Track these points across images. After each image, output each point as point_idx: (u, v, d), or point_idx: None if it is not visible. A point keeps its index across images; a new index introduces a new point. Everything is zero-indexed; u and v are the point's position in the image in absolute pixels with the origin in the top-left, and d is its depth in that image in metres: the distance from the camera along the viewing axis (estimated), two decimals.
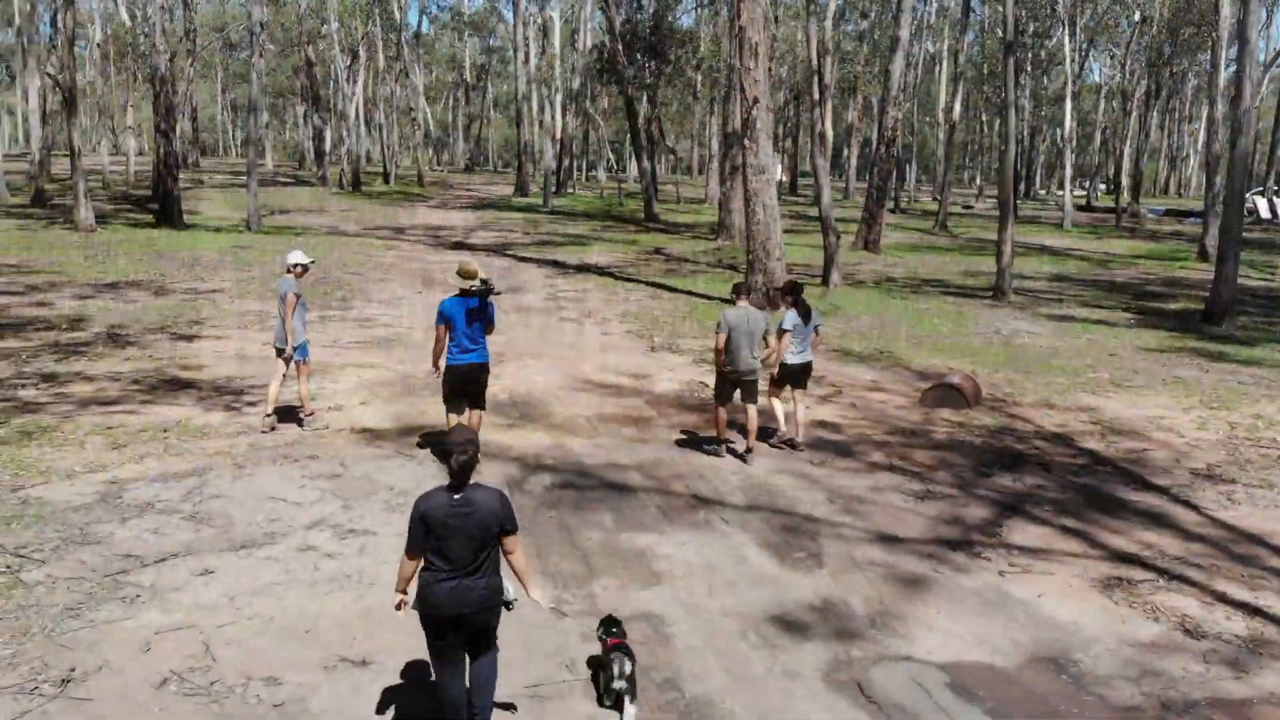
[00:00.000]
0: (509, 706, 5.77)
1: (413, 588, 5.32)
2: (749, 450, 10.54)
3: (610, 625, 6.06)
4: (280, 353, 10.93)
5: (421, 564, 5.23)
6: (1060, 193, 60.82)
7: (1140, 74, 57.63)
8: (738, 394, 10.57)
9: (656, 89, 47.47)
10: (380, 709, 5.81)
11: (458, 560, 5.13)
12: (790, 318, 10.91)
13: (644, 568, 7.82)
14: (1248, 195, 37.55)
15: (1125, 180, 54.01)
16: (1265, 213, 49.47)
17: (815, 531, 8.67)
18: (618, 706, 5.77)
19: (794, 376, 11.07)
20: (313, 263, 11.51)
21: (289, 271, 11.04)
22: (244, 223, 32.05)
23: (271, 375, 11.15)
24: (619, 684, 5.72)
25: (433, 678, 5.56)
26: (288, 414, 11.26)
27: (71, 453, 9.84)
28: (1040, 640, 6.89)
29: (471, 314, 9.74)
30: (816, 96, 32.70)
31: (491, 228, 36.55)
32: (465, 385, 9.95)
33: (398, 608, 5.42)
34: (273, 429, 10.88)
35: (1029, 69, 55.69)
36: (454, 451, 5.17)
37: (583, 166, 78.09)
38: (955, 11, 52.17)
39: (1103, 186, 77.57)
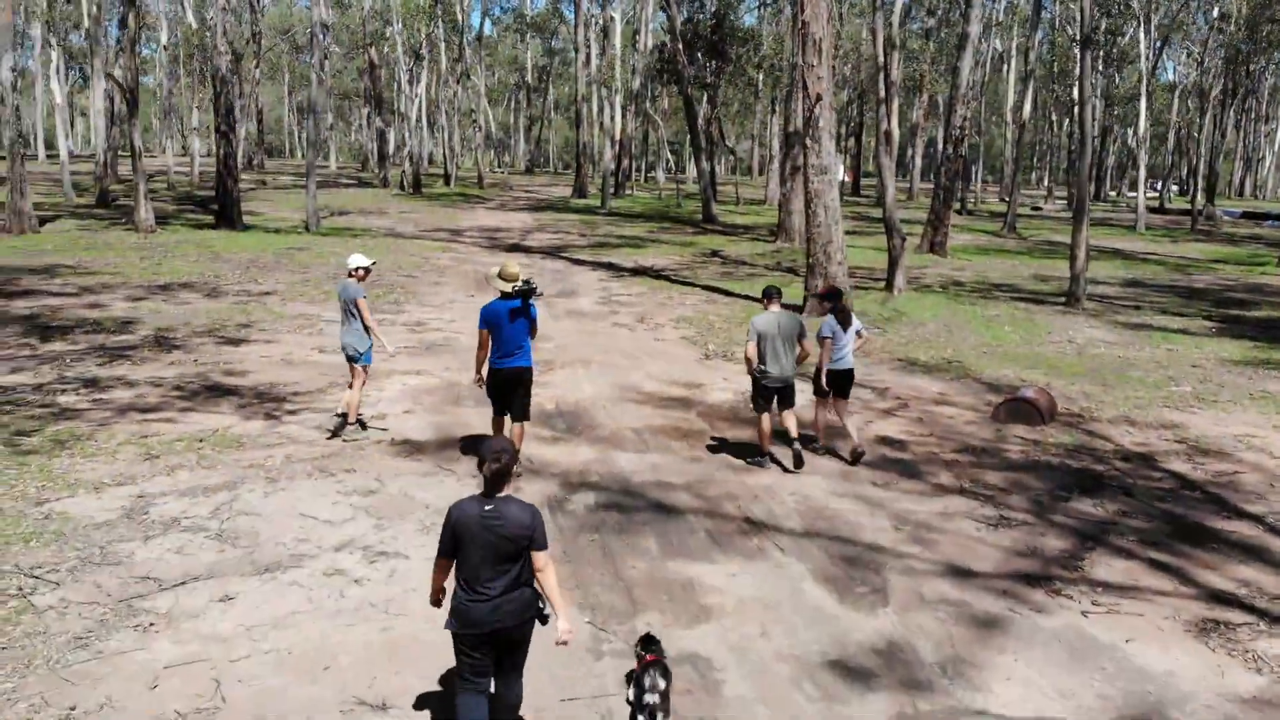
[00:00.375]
0: None
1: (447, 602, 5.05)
2: (796, 455, 10.01)
3: (649, 642, 5.73)
4: (354, 360, 10.62)
5: (456, 584, 5.02)
6: (1132, 194, 59.17)
7: (1217, 72, 55.78)
8: (775, 401, 10.14)
9: (717, 89, 46.80)
10: None
11: (490, 575, 4.93)
12: (828, 324, 10.47)
13: (692, 601, 7.24)
14: None
15: (1200, 182, 52.29)
16: None
17: (879, 563, 8.02)
18: None
19: (836, 384, 10.55)
20: (373, 264, 11.18)
21: (351, 275, 10.70)
22: (303, 224, 32.02)
23: (349, 383, 10.90)
24: (650, 698, 5.33)
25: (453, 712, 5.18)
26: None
27: (102, 463, 9.52)
28: (1130, 694, 6.20)
29: (514, 315, 9.37)
30: (882, 94, 31.79)
31: (549, 229, 36.15)
32: (508, 390, 9.59)
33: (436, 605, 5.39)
34: (337, 434, 10.58)
35: (1101, 67, 54.13)
36: (487, 459, 4.98)
37: (642, 167, 77.63)
38: (1025, 8, 50.82)
39: (1175, 188, 75.44)
